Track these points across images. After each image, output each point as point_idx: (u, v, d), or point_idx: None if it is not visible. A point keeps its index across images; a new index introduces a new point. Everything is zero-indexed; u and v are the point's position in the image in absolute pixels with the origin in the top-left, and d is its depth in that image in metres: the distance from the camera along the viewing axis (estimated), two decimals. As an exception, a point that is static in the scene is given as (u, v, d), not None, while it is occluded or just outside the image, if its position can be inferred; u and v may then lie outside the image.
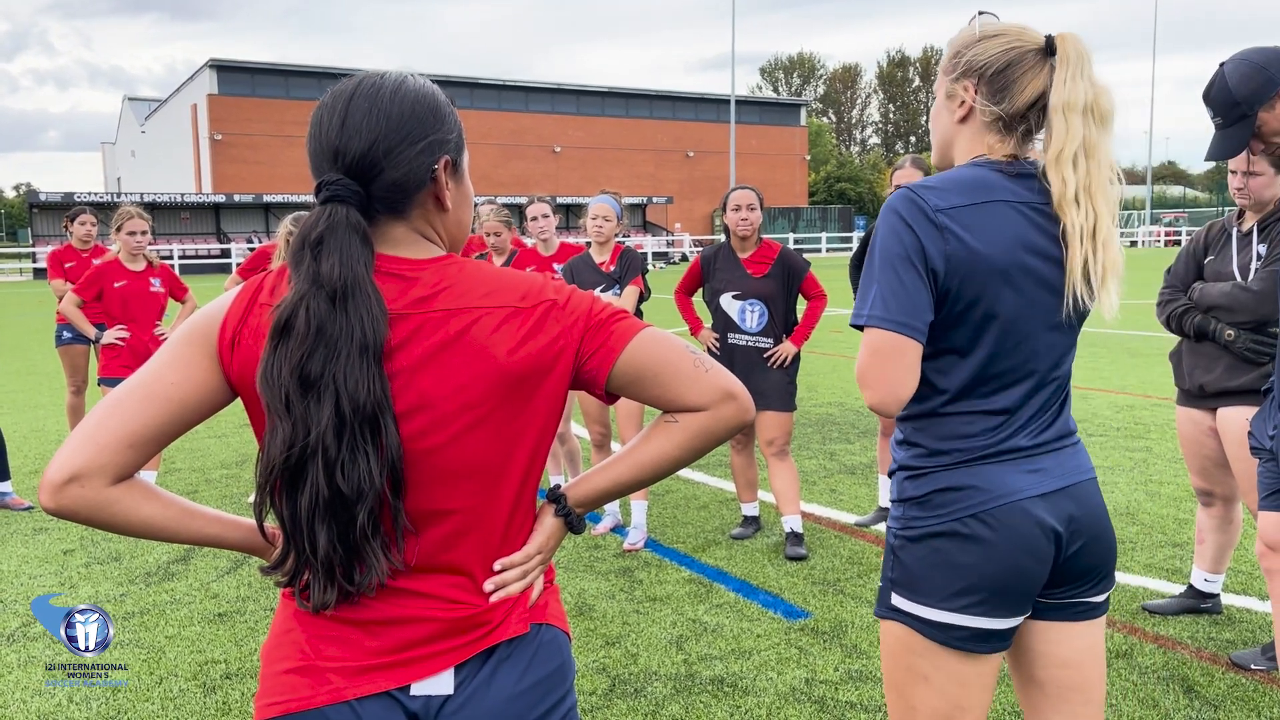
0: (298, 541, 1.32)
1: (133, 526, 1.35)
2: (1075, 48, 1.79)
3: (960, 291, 1.77)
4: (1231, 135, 2.88)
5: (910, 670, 1.91)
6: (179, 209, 47.29)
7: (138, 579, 4.93)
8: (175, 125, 57.39)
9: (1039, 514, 1.81)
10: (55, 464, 1.30)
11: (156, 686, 3.74)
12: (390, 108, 1.37)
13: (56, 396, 10.19)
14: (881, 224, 1.81)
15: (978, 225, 1.76)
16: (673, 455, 1.47)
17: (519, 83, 58.88)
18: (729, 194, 5.17)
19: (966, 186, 1.79)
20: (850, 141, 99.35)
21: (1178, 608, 4.20)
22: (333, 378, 1.27)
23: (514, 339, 1.37)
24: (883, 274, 1.76)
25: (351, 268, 1.30)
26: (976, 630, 1.84)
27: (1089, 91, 1.76)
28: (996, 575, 1.80)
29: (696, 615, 4.33)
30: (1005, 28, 1.87)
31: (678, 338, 1.49)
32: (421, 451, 1.35)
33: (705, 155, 62.10)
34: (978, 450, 1.82)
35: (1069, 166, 1.76)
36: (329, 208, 1.34)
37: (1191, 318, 3.82)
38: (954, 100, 1.89)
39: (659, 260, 45.25)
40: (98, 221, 7.67)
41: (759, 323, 5.09)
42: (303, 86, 53.38)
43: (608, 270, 5.38)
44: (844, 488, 6.47)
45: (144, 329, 6.05)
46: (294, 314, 1.29)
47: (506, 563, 1.45)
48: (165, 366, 1.36)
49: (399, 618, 1.39)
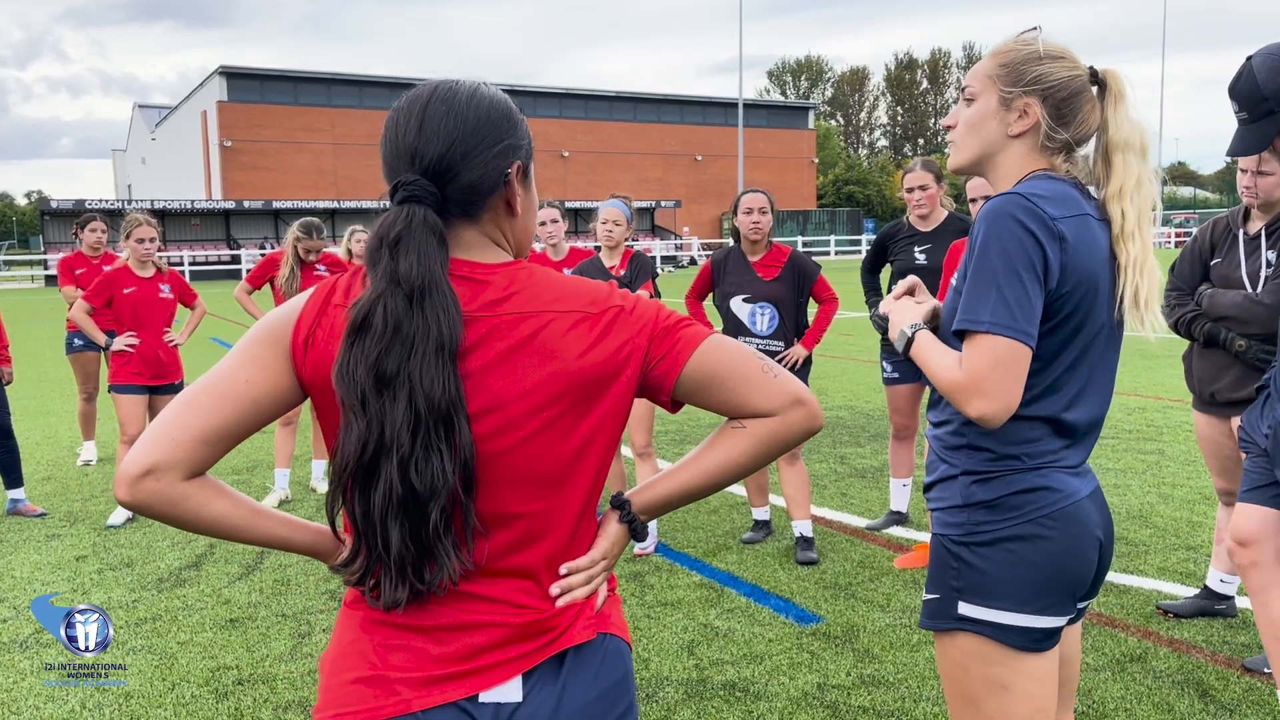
0: (370, 539, 1.32)
1: (203, 523, 1.36)
2: (1124, 85, 1.89)
3: (1064, 302, 1.80)
4: (1256, 131, 2.84)
5: (987, 681, 1.87)
6: (189, 215, 47.48)
7: (150, 585, 4.94)
8: (185, 132, 57.67)
9: (1092, 513, 1.89)
10: (131, 457, 1.32)
11: (169, 693, 3.75)
12: (467, 112, 1.40)
13: (68, 403, 10.23)
14: (998, 229, 1.78)
15: (1081, 238, 1.80)
16: (740, 462, 1.46)
17: (527, 87, 59.02)
18: (740, 197, 5.16)
19: (1065, 199, 1.82)
20: (858, 144, 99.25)
21: (1192, 609, 4.17)
22: (408, 376, 1.28)
23: (584, 343, 1.38)
24: (1007, 280, 1.75)
25: (429, 267, 1.32)
26: (1051, 629, 1.87)
27: (1138, 130, 1.88)
28: (1069, 573, 1.85)
29: (708, 620, 4.32)
30: (1065, 51, 1.90)
31: (744, 344, 1.48)
32: (492, 454, 1.35)
33: (713, 159, 62.12)
34: (1046, 454, 1.85)
35: (1128, 202, 1.84)
36: (407, 208, 1.35)
37: (1201, 325, 3.78)
38: (1013, 113, 1.89)
39: (667, 264, 45.22)
40: (108, 228, 7.70)
41: (769, 326, 5.08)
42: (312, 93, 53.60)
43: (618, 274, 5.37)
44: (855, 491, 6.45)
45: (153, 335, 6.06)
46: (371, 312, 1.30)
47: (572, 566, 1.44)
48: (239, 365, 1.38)
49: (466, 623, 1.39)
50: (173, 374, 6.18)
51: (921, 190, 5.12)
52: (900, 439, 5.55)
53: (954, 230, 5.10)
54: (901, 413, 5.45)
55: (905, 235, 5.28)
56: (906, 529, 5.60)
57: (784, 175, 63.25)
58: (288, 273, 6.61)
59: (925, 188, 5.12)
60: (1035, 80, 1.87)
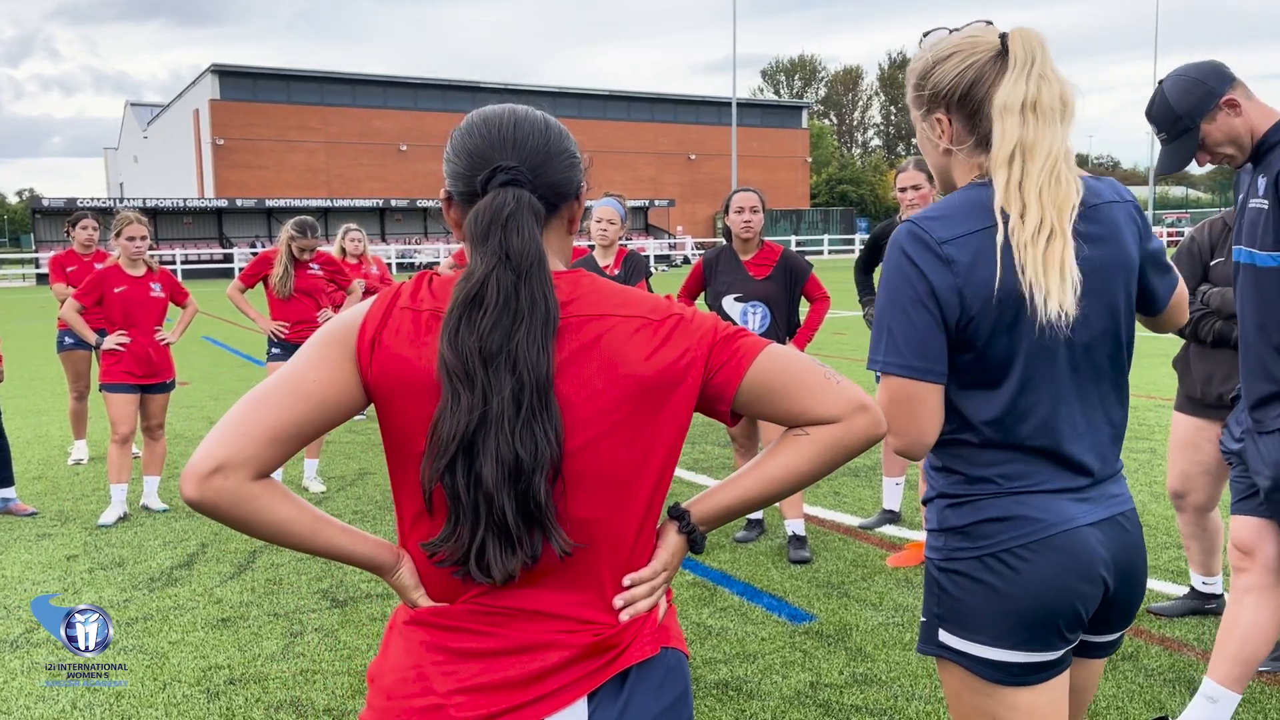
0: (479, 511, 1.31)
1: (268, 526, 1.35)
2: (1020, 46, 1.69)
3: (975, 325, 1.68)
4: (1177, 149, 2.97)
5: (978, 710, 1.79)
6: (181, 214, 47.37)
7: (141, 584, 4.92)
8: (177, 130, 57.53)
9: (1093, 542, 1.73)
10: (201, 454, 1.30)
11: (160, 692, 3.74)
12: (548, 123, 1.47)
13: (59, 402, 10.19)
14: (887, 263, 1.74)
15: (980, 255, 1.66)
16: (803, 469, 1.44)
17: (521, 86, 59.01)
18: (731, 196, 5.16)
19: (970, 211, 1.70)
20: (852, 144, 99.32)
21: (1182, 609, 4.18)
22: (515, 348, 1.31)
23: (647, 348, 1.39)
24: (894, 317, 1.69)
25: (537, 247, 1.36)
26: (1034, 664, 1.74)
27: (1021, 90, 1.66)
28: (1048, 606, 1.71)
29: (701, 619, 4.32)
30: (956, 44, 1.76)
31: (802, 352, 1.49)
32: (562, 455, 1.35)
33: (707, 158, 62.15)
34: (1025, 477, 1.73)
35: (1013, 167, 1.66)
36: (512, 191, 1.38)
37: (1210, 324, 3.72)
38: (935, 131, 1.80)
39: (661, 263, 45.26)
40: (99, 226, 7.66)
41: (761, 325, 5.08)
42: (305, 91, 53.50)
43: (612, 273, 5.37)
44: (847, 490, 6.46)
45: (144, 334, 6.04)
46: (485, 286, 1.32)
47: (635, 578, 1.44)
48: (308, 365, 1.38)
49: (529, 645, 1.38)
50: (164, 373, 6.16)
51: (914, 190, 5.12)
52: (893, 438, 5.55)
53: (947, 229, 5.09)
54: (894, 412, 5.44)
55: (898, 234, 5.27)
56: (899, 527, 5.61)
57: (777, 174, 63.32)
58: (281, 271, 6.60)
59: (918, 187, 5.12)
60: (934, 91, 1.77)
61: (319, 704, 3.61)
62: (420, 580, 1.44)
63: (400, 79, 56.47)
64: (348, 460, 7.57)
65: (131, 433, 6.07)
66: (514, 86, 58.23)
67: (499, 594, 1.38)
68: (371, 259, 9.16)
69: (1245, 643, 3.09)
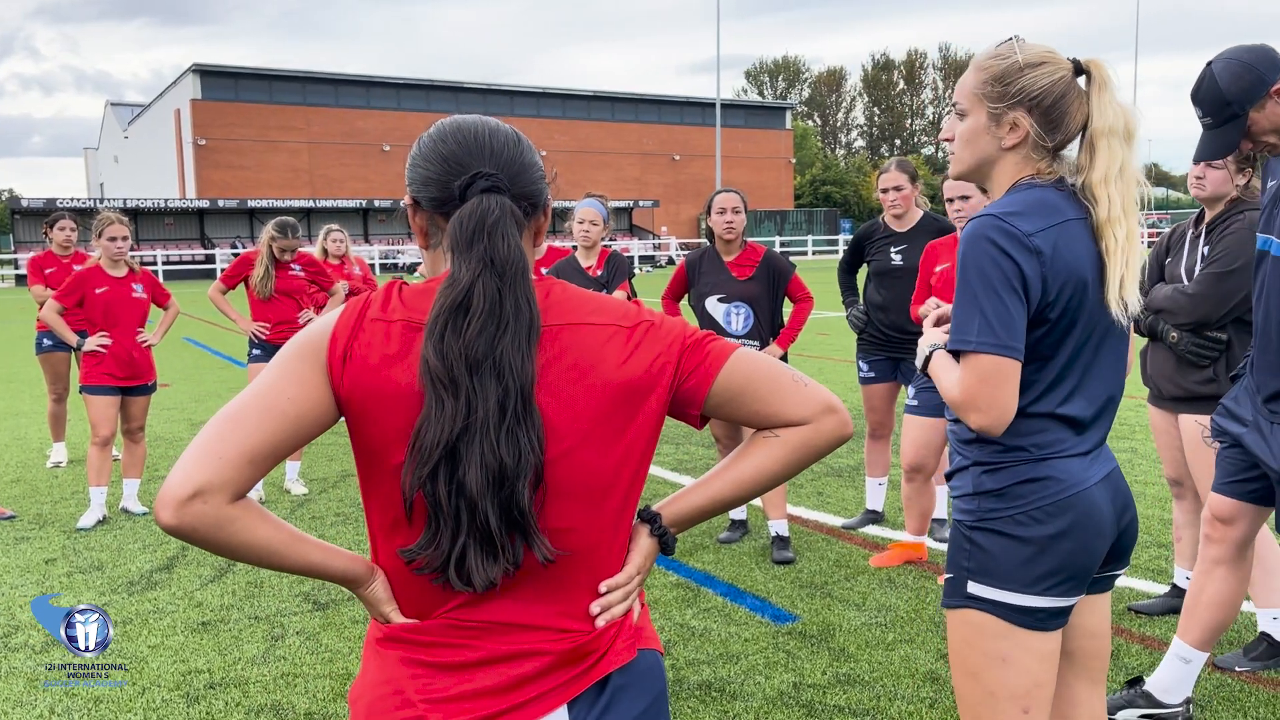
0: (462, 518, 1.30)
1: (246, 548, 1.32)
2: (1106, 73, 1.93)
3: (1051, 309, 1.90)
4: (1222, 135, 2.87)
5: (988, 654, 2.00)
6: (162, 214, 47.05)
7: (120, 588, 4.88)
8: (159, 130, 57.12)
9: (1103, 499, 1.99)
10: (178, 478, 1.27)
11: (139, 697, 3.71)
12: (518, 136, 1.47)
13: (38, 404, 10.10)
14: (976, 252, 1.89)
15: (1061, 246, 1.89)
16: (773, 470, 1.47)
17: (504, 86, 58.90)
18: (713, 197, 5.16)
19: (1045, 209, 1.90)
20: (835, 144, 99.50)
21: (1163, 608, 4.21)
22: (500, 355, 1.30)
23: (620, 355, 1.39)
24: (987, 299, 1.87)
25: (520, 253, 1.36)
26: (1055, 609, 1.99)
27: (1122, 115, 1.92)
28: (1075, 557, 1.95)
29: (684, 620, 4.32)
30: (1045, 55, 1.95)
31: (771, 356, 1.51)
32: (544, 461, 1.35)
33: (691, 159, 62.18)
34: (1053, 444, 1.96)
35: (1113, 187, 1.90)
36: (495, 197, 1.38)
37: (1145, 318, 3.86)
38: (1003, 128, 1.96)
39: (646, 264, 45.26)
40: (77, 227, 7.59)
41: (744, 325, 5.08)
42: (286, 91, 53.21)
43: (594, 275, 5.36)
44: (831, 490, 6.47)
45: (126, 335, 5.99)
46: (470, 293, 1.32)
47: (611, 584, 1.44)
48: (282, 380, 1.35)
49: (507, 654, 1.38)
50: (146, 375, 6.11)
51: (896, 191, 5.14)
52: (876, 438, 5.57)
53: (929, 231, 5.11)
54: (877, 411, 5.47)
55: (881, 236, 5.30)
56: (882, 528, 5.62)
57: (761, 175, 63.41)
58: (262, 272, 6.56)
59: (900, 188, 5.14)
60: (1020, 93, 1.93)
61: (300, 708, 3.59)
62: (393, 594, 1.43)
63: (383, 79, 56.25)
64: (329, 462, 7.53)
65: (112, 435, 6.02)
66: (498, 87, 58.14)
67: (475, 608, 1.37)
68: (354, 260, 9.11)
69: (1217, 610, 3.21)
